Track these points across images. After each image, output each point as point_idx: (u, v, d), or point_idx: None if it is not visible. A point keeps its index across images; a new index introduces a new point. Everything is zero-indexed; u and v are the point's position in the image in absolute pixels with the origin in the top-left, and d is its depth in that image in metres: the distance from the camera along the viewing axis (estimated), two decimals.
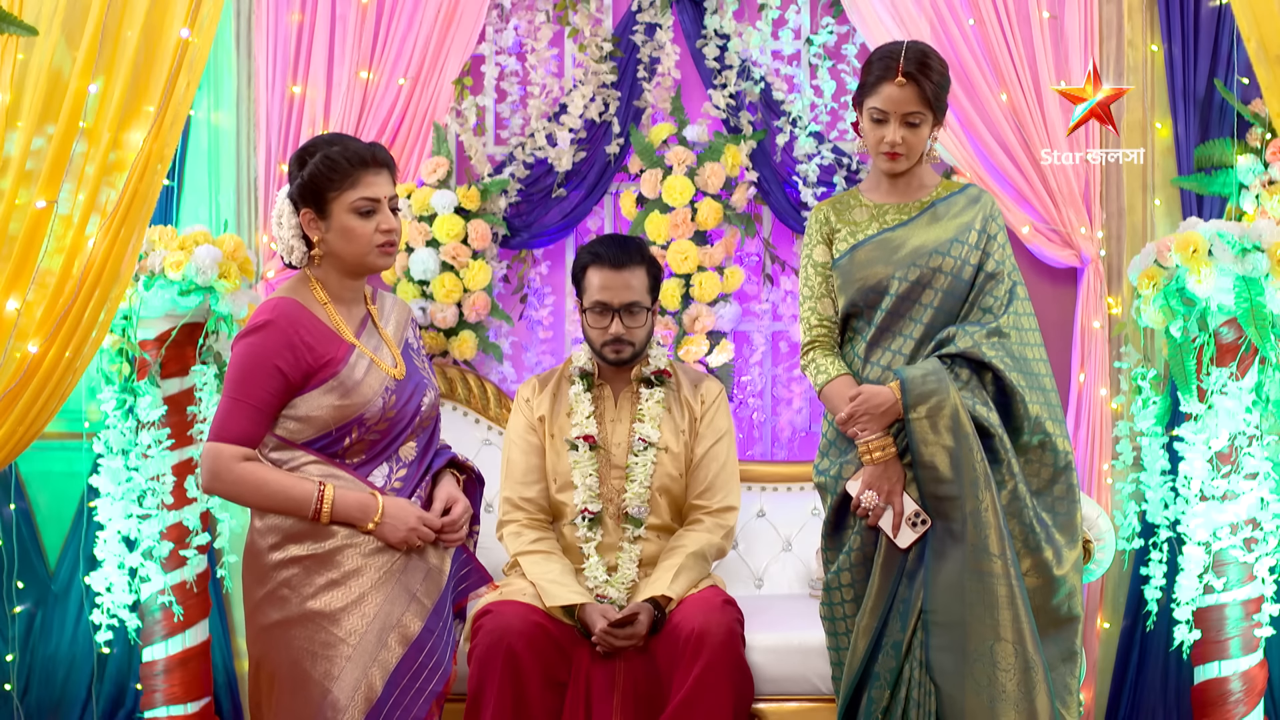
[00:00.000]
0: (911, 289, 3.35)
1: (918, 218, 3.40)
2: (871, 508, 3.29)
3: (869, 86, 3.36)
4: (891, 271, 3.35)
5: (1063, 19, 4.58)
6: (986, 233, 3.38)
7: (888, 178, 3.45)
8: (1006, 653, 3.18)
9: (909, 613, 3.28)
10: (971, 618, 3.20)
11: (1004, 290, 3.36)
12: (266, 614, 3.06)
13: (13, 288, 3.81)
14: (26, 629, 4.61)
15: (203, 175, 4.75)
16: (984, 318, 3.33)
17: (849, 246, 3.41)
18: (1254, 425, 4.17)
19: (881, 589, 3.31)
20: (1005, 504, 3.25)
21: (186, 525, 4.35)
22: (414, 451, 3.22)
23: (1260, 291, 4.06)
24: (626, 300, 3.83)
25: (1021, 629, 3.19)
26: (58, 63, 3.87)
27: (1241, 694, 4.20)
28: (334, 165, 3.10)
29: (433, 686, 3.10)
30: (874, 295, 3.37)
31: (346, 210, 3.11)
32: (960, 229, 3.37)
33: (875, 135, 3.36)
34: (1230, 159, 4.49)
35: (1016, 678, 3.18)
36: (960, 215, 3.39)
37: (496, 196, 4.67)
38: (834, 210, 3.49)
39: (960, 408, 3.23)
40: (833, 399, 3.37)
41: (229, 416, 3.06)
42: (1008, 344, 3.30)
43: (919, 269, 3.34)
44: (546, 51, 4.75)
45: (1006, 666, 3.18)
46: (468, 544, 3.32)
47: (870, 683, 3.33)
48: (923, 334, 3.35)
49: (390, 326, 3.27)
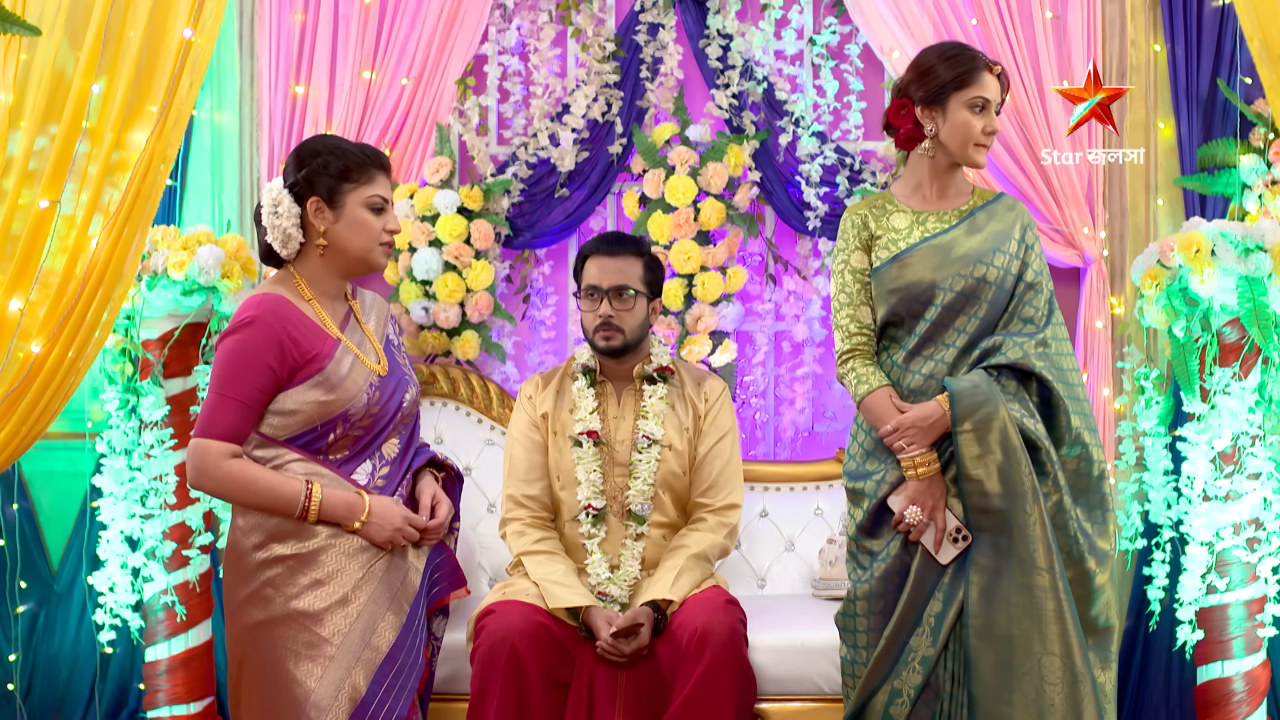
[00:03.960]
0: (957, 299, 3.30)
1: (958, 225, 3.36)
2: (915, 523, 3.25)
3: (964, 77, 3.30)
4: (938, 280, 3.31)
5: (1065, 19, 4.58)
6: (1025, 242, 3.36)
7: (935, 182, 3.40)
8: (1054, 666, 3.16)
9: (940, 627, 3.23)
10: (1019, 631, 3.17)
11: (1044, 300, 3.33)
12: (250, 613, 3.06)
13: (16, 288, 3.81)
14: (29, 629, 4.62)
15: (205, 175, 4.76)
16: (1025, 328, 3.30)
17: (892, 255, 3.36)
18: (1257, 425, 4.17)
19: (912, 603, 3.27)
20: (1051, 516, 3.22)
21: (189, 525, 4.35)
22: (396, 448, 3.24)
23: (1263, 291, 4.06)
24: (616, 283, 3.83)
25: (1070, 642, 3.17)
26: (61, 63, 3.87)
27: (1244, 694, 4.20)
28: (351, 157, 3.15)
29: (412, 683, 3.11)
30: (919, 305, 3.33)
31: (360, 204, 3.14)
32: (999, 237, 3.34)
33: (978, 124, 3.31)
34: (1233, 159, 4.49)
35: (1064, 691, 3.15)
36: (998, 224, 3.36)
37: (499, 196, 4.68)
38: (871, 215, 3.42)
39: (1009, 421, 3.20)
40: (876, 410, 3.31)
41: (216, 412, 3.06)
42: (1050, 355, 3.27)
43: (964, 278, 3.30)
44: (549, 51, 4.75)
45: (1055, 680, 3.15)
46: (448, 541, 3.35)
47: (890, 699, 3.28)
48: (967, 343, 3.31)
49: (372, 322, 3.29)
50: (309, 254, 3.18)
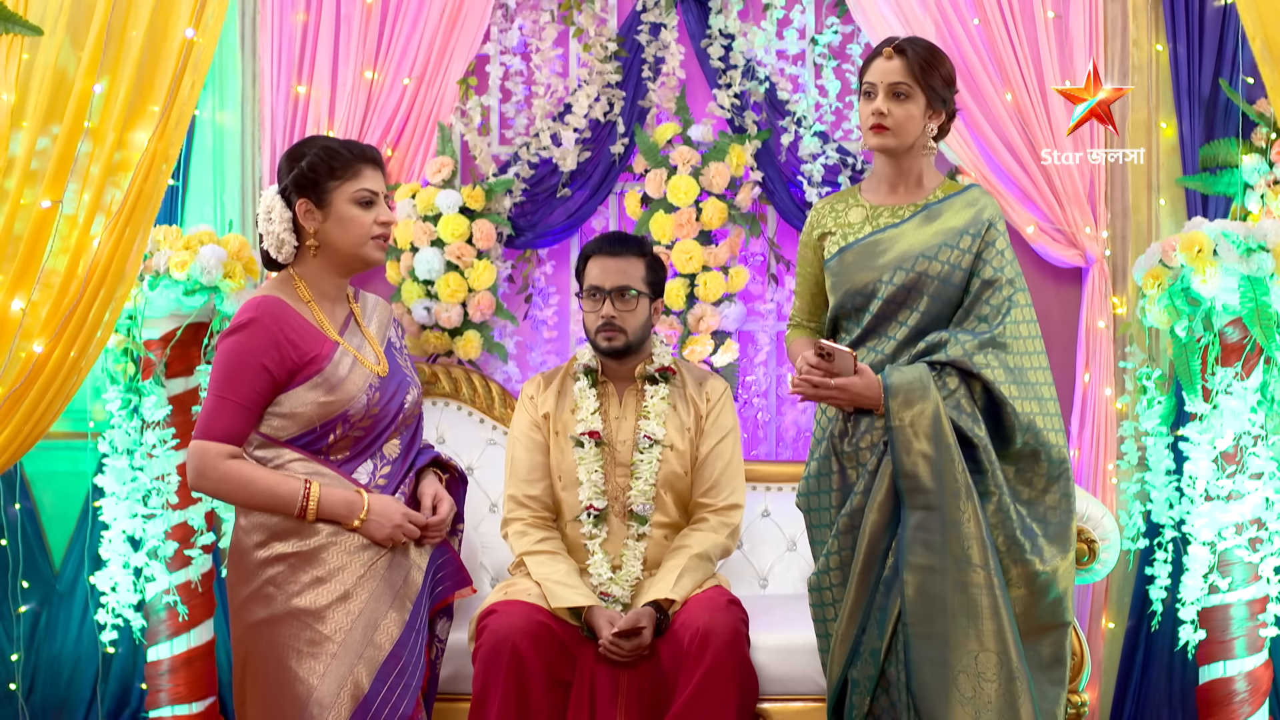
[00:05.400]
0: (898, 293, 3.32)
1: (909, 220, 3.37)
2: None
3: (862, 69, 3.39)
4: (878, 276, 3.33)
5: (1067, 19, 4.58)
6: (983, 238, 3.33)
7: (887, 175, 3.42)
8: (990, 663, 3.16)
9: (886, 620, 3.25)
10: (955, 629, 3.17)
11: (1001, 298, 3.30)
12: (252, 612, 3.08)
13: (18, 287, 3.81)
14: (31, 628, 4.62)
15: (207, 175, 4.76)
16: (978, 326, 3.28)
17: (838, 249, 3.40)
18: (1259, 425, 4.17)
19: (859, 598, 3.29)
20: (989, 515, 3.22)
21: (191, 525, 4.36)
22: (398, 449, 3.24)
23: (1265, 291, 4.06)
24: (618, 284, 3.83)
25: (1005, 639, 3.17)
26: (63, 63, 3.88)
27: (1246, 694, 4.20)
28: (335, 155, 3.15)
29: (416, 682, 3.12)
30: (861, 299, 3.36)
31: (347, 200, 3.15)
32: (950, 233, 3.33)
33: (864, 111, 3.35)
34: (1235, 159, 4.49)
35: (1001, 688, 3.16)
36: (953, 219, 3.35)
37: (501, 196, 4.68)
38: (832, 211, 3.47)
39: (943, 416, 3.20)
40: (794, 349, 3.52)
41: (215, 414, 3.08)
42: (1003, 355, 3.25)
43: (905, 273, 3.31)
44: (551, 51, 4.75)
45: (991, 677, 3.16)
46: (451, 541, 3.36)
47: (851, 688, 3.32)
48: (907, 336, 3.32)
49: (373, 326, 3.30)
50: (305, 256, 3.20)
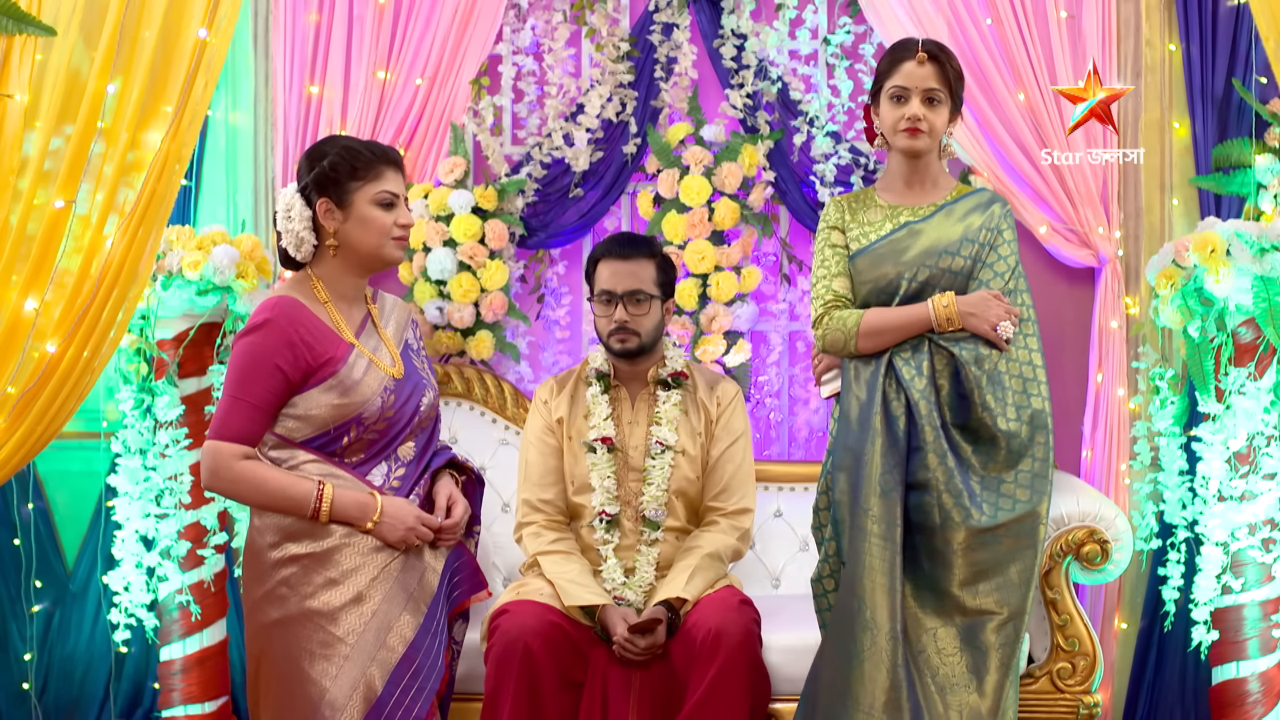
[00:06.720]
0: (922, 290, 3.35)
1: (931, 217, 3.40)
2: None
3: (887, 70, 3.38)
4: (900, 271, 3.36)
5: (1080, 18, 4.57)
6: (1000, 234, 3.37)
7: (904, 175, 3.44)
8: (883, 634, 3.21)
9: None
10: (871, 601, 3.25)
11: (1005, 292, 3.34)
12: (266, 612, 3.08)
13: (31, 287, 3.82)
14: (44, 628, 4.63)
15: (220, 175, 4.76)
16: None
17: (861, 247, 3.42)
18: (1272, 425, 4.16)
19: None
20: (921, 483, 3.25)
21: (204, 525, 4.36)
22: (412, 451, 3.24)
23: (1278, 291, 4.05)
24: (630, 287, 3.83)
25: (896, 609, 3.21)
26: (76, 63, 3.88)
27: (1260, 695, 4.18)
28: (357, 156, 3.16)
29: (431, 685, 3.11)
30: (884, 296, 3.38)
31: (369, 201, 3.15)
32: (970, 230, 3.36)
33: (895, 114, 3.35)
34: (1248, 158, 4.47)
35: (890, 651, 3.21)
36: (971, 217, 3.38)
37: (514, 196, 4.68)
38: (849, 208, 3.48)
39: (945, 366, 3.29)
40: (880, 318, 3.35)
41: (229, 415, 3.09)
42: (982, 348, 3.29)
43: (929, 269, 3.35)
44: (563, 51, 4.75)
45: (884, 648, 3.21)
46: (468, 544, 3.36)
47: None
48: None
49: (390, 327, 3.30)
50: (323, 256, 3.20)
